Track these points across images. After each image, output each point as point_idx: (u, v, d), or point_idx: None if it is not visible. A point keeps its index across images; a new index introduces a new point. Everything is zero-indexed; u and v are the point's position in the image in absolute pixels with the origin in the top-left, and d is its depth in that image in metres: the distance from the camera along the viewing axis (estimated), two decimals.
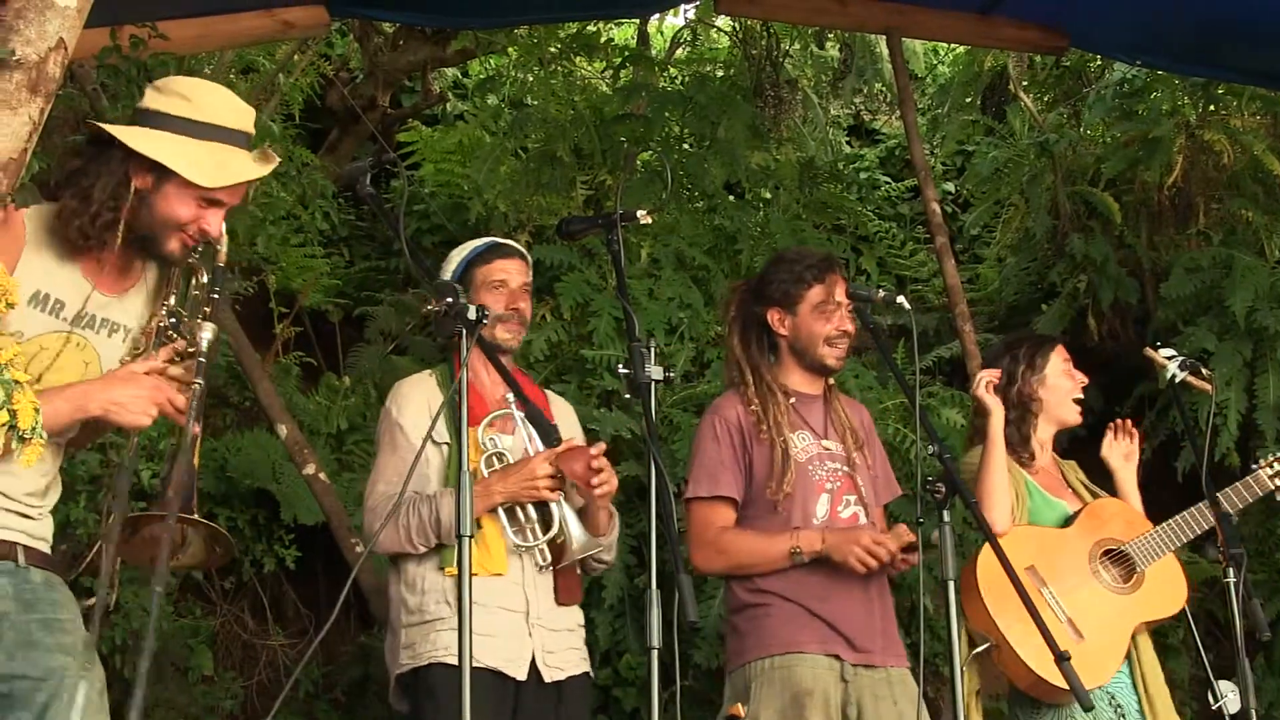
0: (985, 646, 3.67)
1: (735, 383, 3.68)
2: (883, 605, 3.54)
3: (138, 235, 2.72)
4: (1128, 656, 3.74)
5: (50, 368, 2.67)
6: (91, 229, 2.67)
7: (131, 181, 2.69)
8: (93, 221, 2.66)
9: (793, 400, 3.62)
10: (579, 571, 3.54)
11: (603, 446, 3.38)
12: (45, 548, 2.73)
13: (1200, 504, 3.85)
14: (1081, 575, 3.79)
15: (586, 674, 3.50)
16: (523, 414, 3.41)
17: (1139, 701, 3.69)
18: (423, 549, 3.35)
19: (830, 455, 3.59)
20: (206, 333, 2.67)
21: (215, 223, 2.74)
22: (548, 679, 3.37)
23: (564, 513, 3.38)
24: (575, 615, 3.52)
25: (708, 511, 3.54)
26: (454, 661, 3.16)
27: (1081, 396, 4.05)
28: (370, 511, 3.44)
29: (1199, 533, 3.85)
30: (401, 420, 3.47)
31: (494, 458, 3.41)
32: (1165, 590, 3.81)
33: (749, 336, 3.71)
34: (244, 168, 2.76)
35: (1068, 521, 3.89)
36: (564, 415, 3.73)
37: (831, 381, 3.76)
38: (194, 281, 2.79)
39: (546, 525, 3.39)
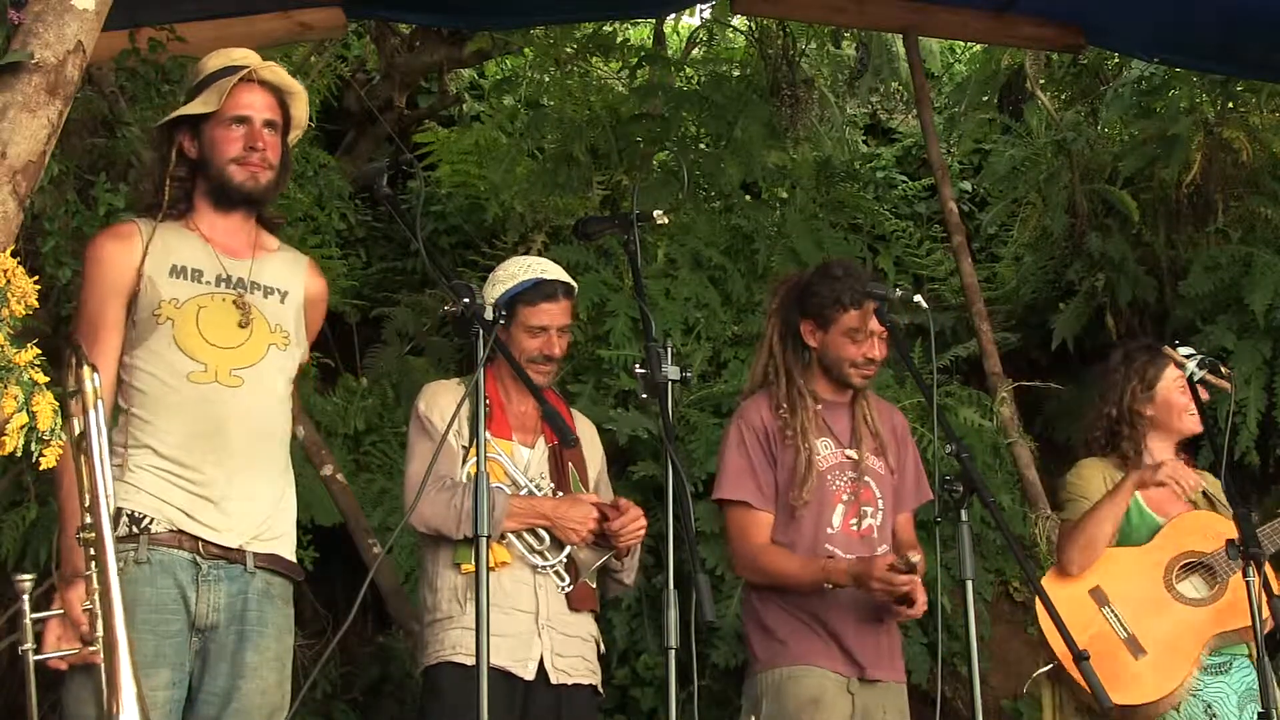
0: (1047, 668, 3.69)
1: (767, 382, 3.67)
2: (890, 623, 3.54)
3: (214, 186, 3.05)
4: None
5: (200, 321, 2.97)
6: (163, 192, 3.03)
7: (183, 152, 3.05)
8: (159, 189, 3.04)
9: (819, 406, 3.61)
10: (594, 585, 3.56)
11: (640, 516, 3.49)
12: None
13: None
14: (1153, 591, 3.77)
15: (594, 687, 3.51)
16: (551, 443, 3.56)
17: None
18: (463, 535, 3.35)
19: (851, 465, 3.59)
20: None
21: (260, 134, 3.03)
22: (554, 680, 3.38)
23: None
24: (589, 625, 3.53)
25: (743, 519, 3.55)
26: (462, 660, 3.29)
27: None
28: (410, 492, 3.48)
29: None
30: (430, 415, 3.53)
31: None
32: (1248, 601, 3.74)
33: (786, 336, 3.69)
34: (234, 80, 3.05)
35: (1153, 535, 3.85)
36: (587, 438, 3.76)
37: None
38: None
39: (558, 548, 3.46)
